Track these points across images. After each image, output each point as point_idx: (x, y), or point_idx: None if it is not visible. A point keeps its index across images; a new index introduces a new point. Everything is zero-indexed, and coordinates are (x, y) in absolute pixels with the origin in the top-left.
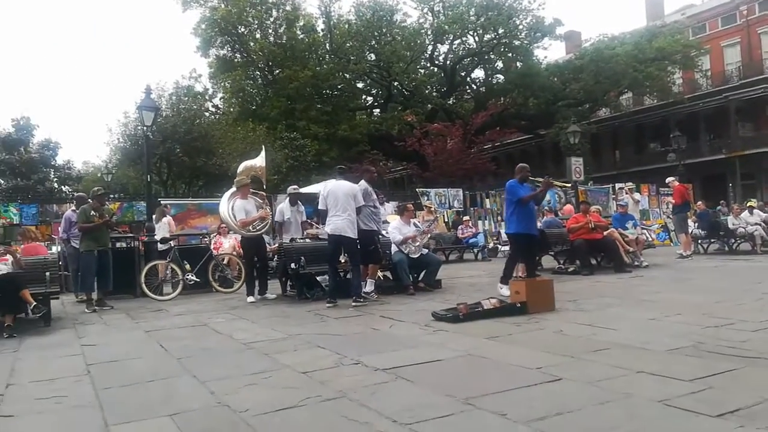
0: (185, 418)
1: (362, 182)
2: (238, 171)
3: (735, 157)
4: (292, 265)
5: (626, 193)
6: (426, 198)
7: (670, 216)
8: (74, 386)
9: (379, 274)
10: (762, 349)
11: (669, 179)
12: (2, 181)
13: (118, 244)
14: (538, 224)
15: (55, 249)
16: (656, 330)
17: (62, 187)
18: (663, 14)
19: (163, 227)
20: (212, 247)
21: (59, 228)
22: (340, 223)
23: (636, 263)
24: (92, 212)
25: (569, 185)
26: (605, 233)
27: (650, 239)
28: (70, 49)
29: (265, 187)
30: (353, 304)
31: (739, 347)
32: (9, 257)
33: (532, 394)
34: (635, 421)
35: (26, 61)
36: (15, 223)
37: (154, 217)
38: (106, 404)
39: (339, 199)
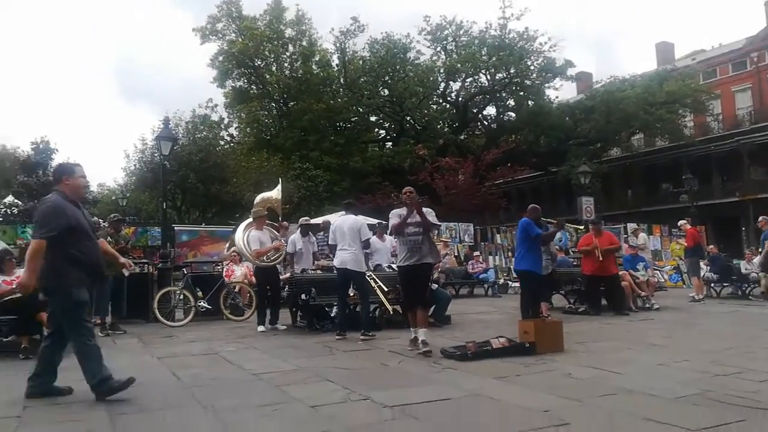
0: None
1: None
2: (254, 202)
3: (749, 200)
4: (303, 296)
5: (635, 234)
6: (437, 232)
7: (683, 258)
8: (89, 410)
9: (389, 307)
10: None
11: (681, 222)
12: (20, 203)
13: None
14: None
15: None
16: (664, 376)
17: None
18: (673, 59)
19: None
20: (224, 274)
21: None
22: (345, 256)
23: (647, 306)
24: (108, 238)
25: (582, 227)
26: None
27: (662, 281)
28: (92, 74)
29: (280, 218)
30: (361, 337)
31: (747, 397)
32: None
33: None
34: None
35: (49, 84)
36: None
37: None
38: (120, 430)
39: (345, 233)
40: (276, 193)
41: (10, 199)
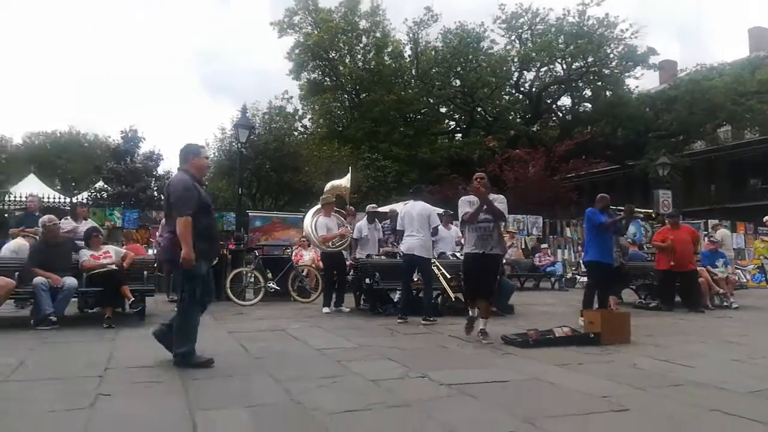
0: (261, 411)
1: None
2: (324, 189)
3: None
4: (367, 281)
5: (714, 229)
6: (504, 224)
7: (767, 256)
8: (164, 374)
9: (452, 295)
10: None
11: (767, 218)
12: (109, 188)
13: None
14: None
15: (152, 252)
16: (738, 371)
17: (162, 195)
18: (767, 45)
19: None
20: (293, 258)
21: (156, 233)
22: (413, 242)
23: (725, 304)
24: None
25: (651, 212)
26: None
27: (744, 280)
28: (178, 67)
29: (348, 205)
30: (422, 322)
31: None
32: (112, 253)
33: (596, 421)
34: None
35: (138, 77)
36: (118, 226)
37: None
38: (191, 392)
39: (414, 219)
40: (345, 180)
41: (100, 184)
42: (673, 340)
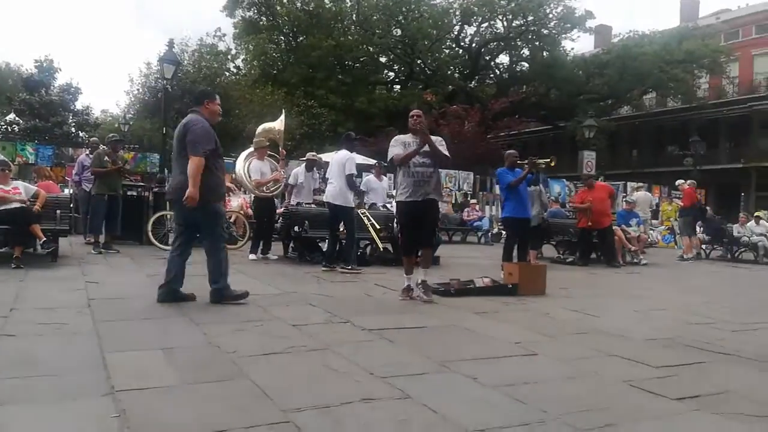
0: (176, 353)
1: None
2: (256, 132)
3: (753, 167)
4: (296, 228)
5: (635, 191)
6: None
7: (677, 218)
8: (75, 316)
9: (380, 245)
10: (736, 347)
11: (679, 181)
12: (21, 121)
13: (129, 192)
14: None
15: (67, 191)
16: (639, 321)
17: (79, 132)
18: (697, 16)
19: None
20: None
21: (72, 171)
22: (329, 190)
23: (635, 261)
24: (106, 158)
25: (549, 160)
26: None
27: (656, 240)
28: None
29: (281, 149)
30: (339, 269)
31: (713, 344)
32: (21, 190)
33: (506, 364)
34: (597, 395)
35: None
36: (30, 162)
37: None
38: (104, 335)
39: (333, 167)
40: (279, 123)
41: (11, 116)
42: (584, 292)
